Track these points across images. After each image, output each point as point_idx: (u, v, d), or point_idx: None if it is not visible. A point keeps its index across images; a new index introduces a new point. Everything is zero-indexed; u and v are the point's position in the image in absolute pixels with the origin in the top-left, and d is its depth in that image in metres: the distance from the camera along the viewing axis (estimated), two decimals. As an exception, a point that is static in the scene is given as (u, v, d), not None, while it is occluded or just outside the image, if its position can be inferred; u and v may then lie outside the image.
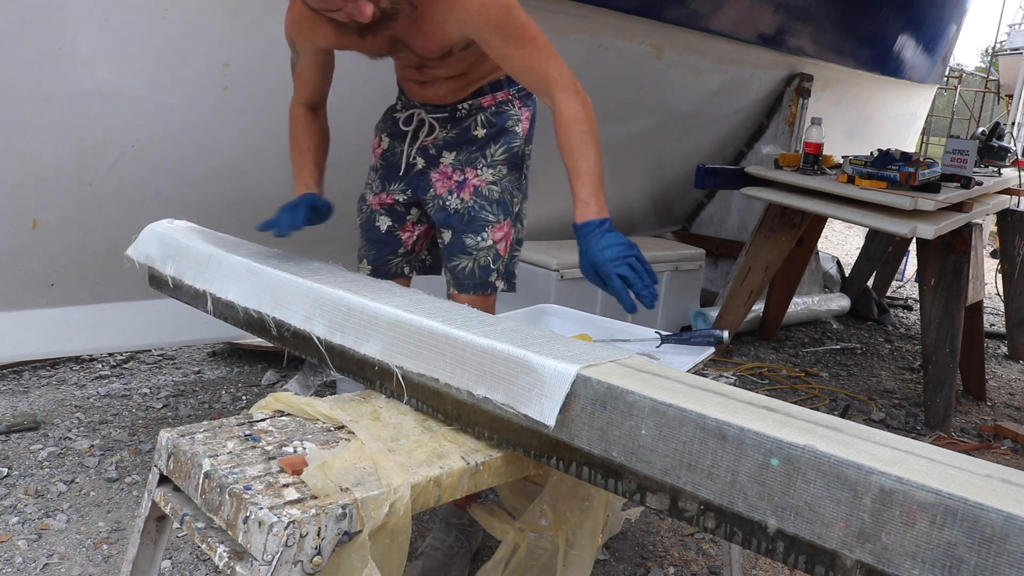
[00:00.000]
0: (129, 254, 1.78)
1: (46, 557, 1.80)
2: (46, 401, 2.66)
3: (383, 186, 1.89)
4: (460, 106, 1.79)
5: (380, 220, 1.89)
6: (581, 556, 1.33)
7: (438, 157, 1.82)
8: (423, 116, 1.81)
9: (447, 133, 1.81)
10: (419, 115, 1.81)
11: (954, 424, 3.13)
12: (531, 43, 1.52)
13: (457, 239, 1.76)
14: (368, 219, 1.91)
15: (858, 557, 0.78)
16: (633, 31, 3.25)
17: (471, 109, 1.79)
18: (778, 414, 0.92)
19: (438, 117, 1.80)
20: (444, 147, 1.81)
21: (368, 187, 1.93)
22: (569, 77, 1.53)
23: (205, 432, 1.11)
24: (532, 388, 1.05)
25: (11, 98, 1.95)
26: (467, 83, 1.76)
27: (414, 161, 1.84)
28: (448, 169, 1.81)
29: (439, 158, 1.82)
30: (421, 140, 1.82)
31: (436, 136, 1.82)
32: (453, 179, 1.81)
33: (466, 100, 1.78)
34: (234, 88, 2.23)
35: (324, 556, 0.92)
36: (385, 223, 1.89)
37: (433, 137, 1.82)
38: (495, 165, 1.78)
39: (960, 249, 3.05)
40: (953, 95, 14.66)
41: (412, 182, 1.85)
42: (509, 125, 1.78)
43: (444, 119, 1.81)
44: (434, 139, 1.82)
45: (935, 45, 5.97)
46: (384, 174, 1.89)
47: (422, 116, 1.81)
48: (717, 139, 4.41)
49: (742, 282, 3.67)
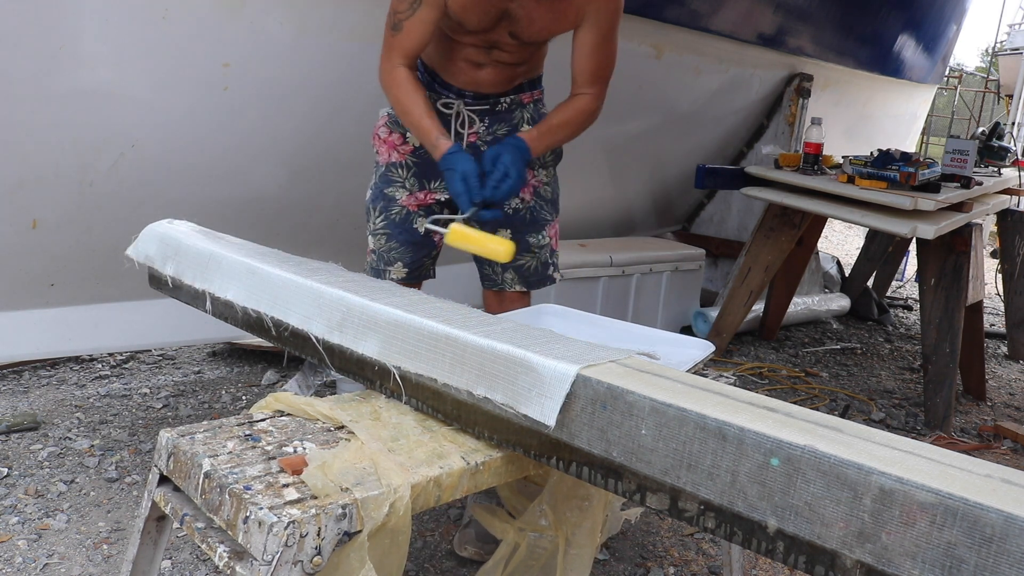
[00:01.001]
0: (129, 254, 1.78)
1: (46, 557, 1.80)
2: (46, 401, 2.66)
3: (421, 185, 1.84)
4: (503, 99, 1.80)
5: (419, 221, 1.84)
6: (580, 556, 1.33)
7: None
8: (461, 109, 1.79)
9: (492, 128, 1.81)
10: (458, 106, 1.79)
11: (954, 424, 3.13)
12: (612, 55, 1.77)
13: (520, 239, 1.81)
14: (403, 220, 1.86)
15: (858, 557, 0.78)
16: (633, 31, 3.25)
17: (512, 104, 1.82)
18: (778, 414, 0.92)
19: (477, 109, 1.80)
20: (494, 143, 1.78)
21: (396, 186, 1.86)
22: (602, 102, 1.78)
23: (205, 432, 1.11)
24: (532, 388, 1.05)
25: (11, 98, 1.95)
26: (520, 74, 1.81)
27: None
28: None
29: None
30: (466, 136, 1.80)
31: (477, 130, 1.80)
32: None
33: (508, 94, 1.81)
34: (234, 88, 2.23)
35: (324, 556, 0.92)
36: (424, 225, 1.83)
37: (475, 131, 1.80)
38: (547, 166, 1.90)
39: (960, 249, 3.05)
40: (953, 95, 14.66)
41: None
42: None
43: (484, 112, 1.80)
44: (477, 133, 1.81)
45: (935, 45, 5.97)
46: (420, 172, 1.84)
47: (460, 109, 1.79)
48: (717, 139, 4.41)
49: (742, 282, 3.67)
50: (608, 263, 3.49)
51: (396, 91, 1.69)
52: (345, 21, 2.27)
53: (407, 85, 1.68)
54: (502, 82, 1.79)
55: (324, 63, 2.32)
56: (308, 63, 2.32)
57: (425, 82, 1.81)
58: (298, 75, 2.33)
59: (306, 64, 2.32)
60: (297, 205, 2.63)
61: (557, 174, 1.95)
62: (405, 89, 1.68)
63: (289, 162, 2.53)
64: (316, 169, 2.56)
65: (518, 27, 1.65)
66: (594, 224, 4.13)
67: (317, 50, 2.30)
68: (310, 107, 2.41)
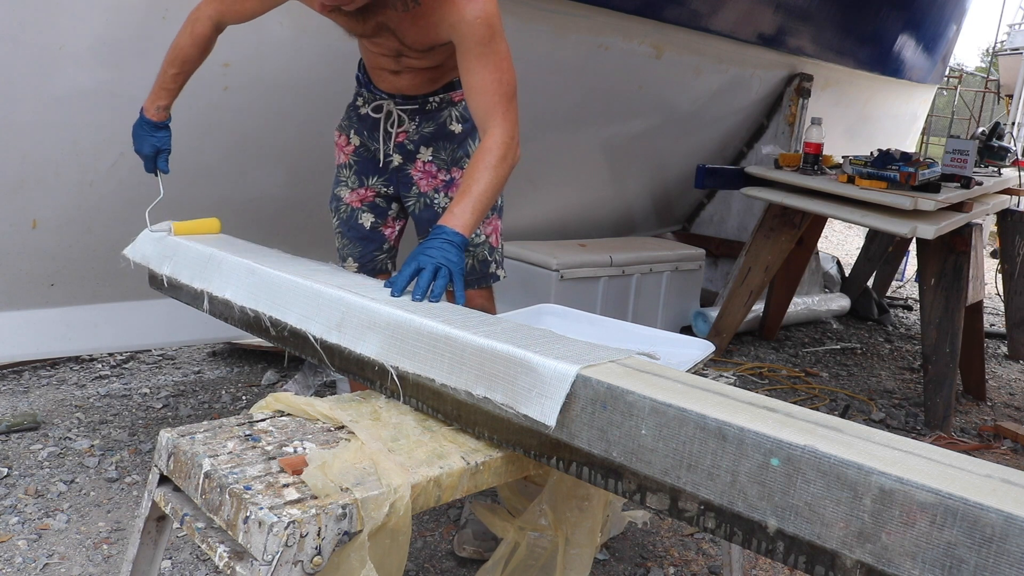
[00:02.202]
0: (126, 253, 1.78)
1: (46, 557, 1.80)
2: (46, 401, 2.66)
3: (361, 181, 1.88)
4: (431, 99, 1.79)
5: (363, 217, 1.90)
6: (580, 555, 1.33)
7: (415, 153, 1.83)
8: (391, 108, 1.80)
9: (420, 127, 1.81)
10: (387, 106, 1.80)
11: (954, 424, 3.13)
12: (496, 73, 1.53)
13: None
14: (350, 216, 1.91)
15: (858, 557, 0.78)
16: (633, 31, 3.25)
17: (442, 103, 1.80)
18: (778, 414, 0.92)
19: (407, 109, 1.80)
20: (420, 142, 1.82)
21: (342, 185, 1.92)
22: (512, 126, 1.53)
23: (205, 432, 1.11)
24: (532, 388, 1.05)
25: (11, 98, 1.95)
26: (440, 75, 1.77)
27: (390, 157, 1.84)
28: (432, 167, 1.82)
29: (416, 154, 1.83)
30: (395, 135, 1.81)
31: (407, 128, 1.81)
32: (439, 178, 1.82)
33: (437, 93, 1.79)
34: (234, 88, 2.23)
35: (324, 556, 0.92)
36: (368, 219, 1.90)
37: (404, 130, 1.81)
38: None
39: (960, 249, 3.05)
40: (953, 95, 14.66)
41: (391, 178, 1.86)
42: None
43: (413, 111, 1.80)
44: (406, 133, 1.82)
45: (935, 45, 5.97)
46: (360, 169, 1.88)
47: (390, 107, 1.80)
48: (717, 139, 4.41)
49: (742, 282, 3.67)
50: (608, 263, 3.49)
51: (183, 32, 1.73)
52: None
53: (196, 36, 1.72)
54: (425, 83, 1.77)
55: (324, 63, 2.31)
56: (308, 63, 2.32)
57: (363, 81, 1.85)
58: (298, 75, 2.33)
59: (306, 64, 2.32)
60: (297, 205, 2.63)
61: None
62: (189, 38, 1.72)
63: (289, 162, 2.53)
64: (316, 169, 2.55)
65: (401, 36, 1.62)
66: (594, 224, 4.14)
67: (317, 50, 2.30)
68: (310, 107, 2.41)
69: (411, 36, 1.61)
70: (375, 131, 1.84)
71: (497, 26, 1.53)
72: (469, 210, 1.46)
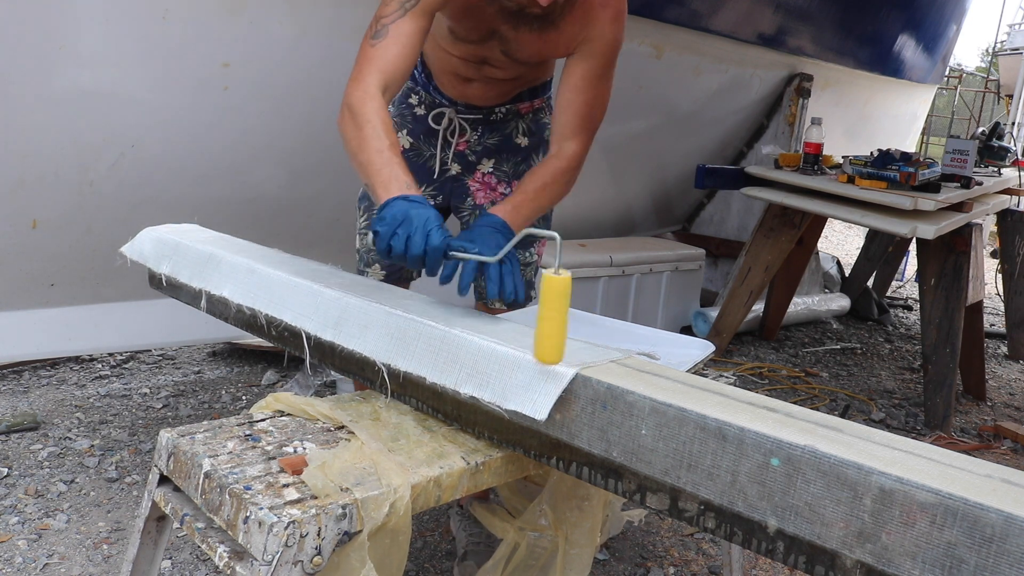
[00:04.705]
0: (124, 252, 1.77)
1: (46, 557, 1.80)
2: (46, 401, 2.66)
3: None
4: (497, 109, 1.72)
5: None
6: (580, 555, 1.33)
7: (476, 164, 1.76)
8: (453, 117, 1.72)
9: (485, 138, 1.74)
10: (450, 115, 1.72)
11: (954, 424, 3.13)
12: (598, 99, 1.53)
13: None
14: None
15: (858, 557, 0.78)
16: (633, 31, 3.25)
17: (508, 114, 1.73)
18: (778, 414, 0.92)
19: (470, 119, 1.73)
20: (484, 153, 1.75)
21: None
22: (586, 152, 1.53)
23: (205, 432, 1.11)
24: (527, 386, 1.05)
25: (11, 98, 1.95)
26: (513, 88, 1.71)
27: (447, 167, 1.76)
28: (491, 179, 1.75)
29: (477, 164, 1.76)
30: (455, 144, 1.73)
31: (468, 139, 1.74)
32: (498, 191, 1.75)
33: (505, 104, 1.72)
34: (234, 88, 2.23)
35: (324, 556, 0.92)
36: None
37: (466, 140, 1.74)
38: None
39: (960, 249, 3.05)
40: (953, 95, 14.66)
41: (445, 187, 1.78)
42: (547, 135, 1.73)
43: (477, 121, 1.73)
44: (467, 142, 1.74)
45: (935, 45, 5.97)
46: None
47: (452, 117, 1.72)
48: (717, 139, 4.41)
49: (742, 282, 3.67)
50: (608, 263, 3.49)
51: (363, 113, 1.33)
52: (345, 21, 2.26)
53: (380, 112, 1.34)
54: (492, 97, 1.71)
55: (324, 63, 2.31)
56: (308, 63, 2.32)
57: (421, 81, 1.75)
58: (298, 75, 2.33)
59: (306, 64, 2.32)
60: (297, 205, 2.63)
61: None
62: (374, 114, 1.33)
63: (289, 162, 2.53)
64: (316, 169, 2.56)
65: (509, 47, 1.56)
66: (594, 224, 4.13)
67: (317, 50, 2.30)
68: (310, 107, 2.40)
69: (527, 49, 1.53)
70: (432, 137, 1.75)
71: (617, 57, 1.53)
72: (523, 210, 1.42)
